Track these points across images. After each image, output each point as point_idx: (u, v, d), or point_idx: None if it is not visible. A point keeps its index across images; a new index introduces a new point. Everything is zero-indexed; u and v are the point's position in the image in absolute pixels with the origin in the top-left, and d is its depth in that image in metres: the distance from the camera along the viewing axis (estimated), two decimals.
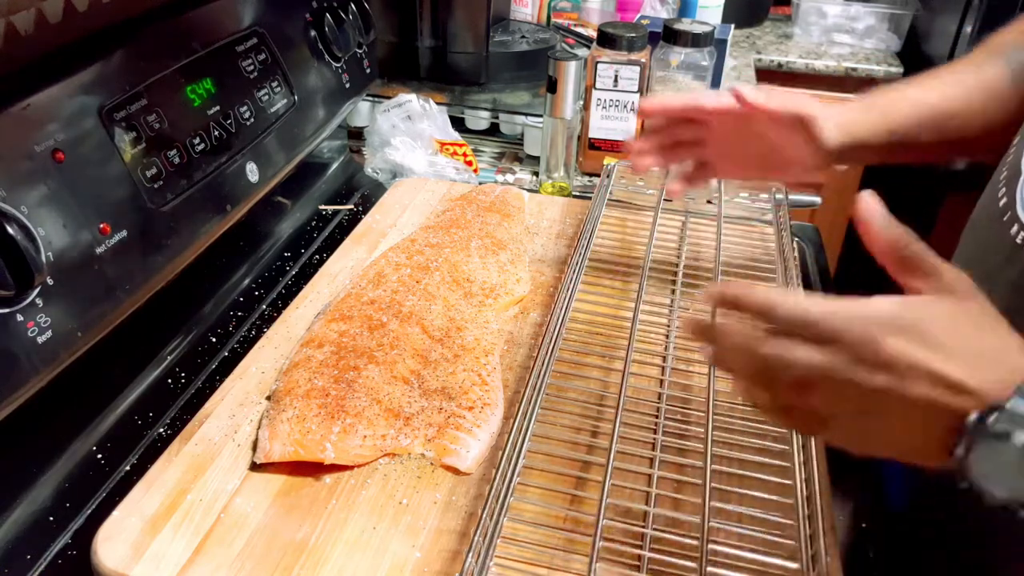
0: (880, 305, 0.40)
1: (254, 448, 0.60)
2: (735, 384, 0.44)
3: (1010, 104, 0.65)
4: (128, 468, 0.63)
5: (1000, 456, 0.37)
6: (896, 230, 0.41)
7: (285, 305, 0.77)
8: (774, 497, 0.56)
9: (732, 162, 0.73)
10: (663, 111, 0.72)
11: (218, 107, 0.74)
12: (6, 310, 0.52)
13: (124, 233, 0.62)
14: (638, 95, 1.03)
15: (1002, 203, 0.57)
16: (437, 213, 0.91)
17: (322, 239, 0.94)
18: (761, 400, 0.43)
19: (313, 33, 0.90)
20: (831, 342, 0.39)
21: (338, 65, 0.94)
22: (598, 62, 1.02)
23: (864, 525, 0.60)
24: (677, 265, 0.81)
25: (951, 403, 0.38)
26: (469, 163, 1.07)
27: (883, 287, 0.42)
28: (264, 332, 0.73)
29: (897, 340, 0.38)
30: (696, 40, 1.01)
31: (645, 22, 1.20)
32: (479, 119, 1.22)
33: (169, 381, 0.72)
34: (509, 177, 1.11)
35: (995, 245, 0.57)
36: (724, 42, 1.28)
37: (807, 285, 0.85)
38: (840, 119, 0.66)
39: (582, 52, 1.18)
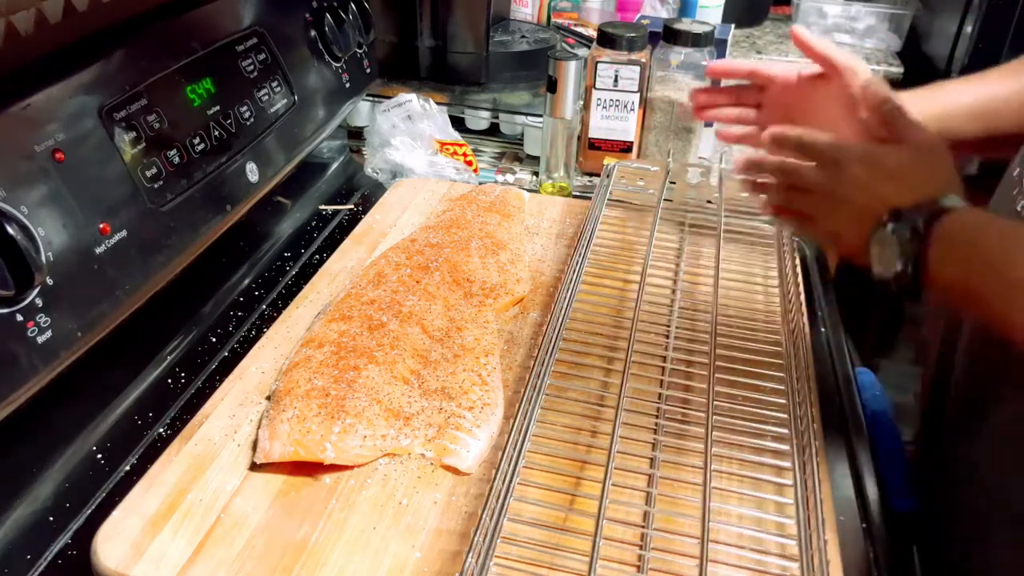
0: (856, 144, 0.59)
1: (254, 448, 0.60)
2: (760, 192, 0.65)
3: None
4: (128, 468, 0.63)
5: (882, 243, 0.53)
6: (880, 88, 0.61)
7: (285, 305, 0.77)
8: (774, 497, 0.56)
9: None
10: (728, 72, 0.81)
11: (218, 107, 0.74)
12: (6, 310, 0.52)
13: (124, 233, 0.62)
14: (638, 95, 1.03)
15: (1020, 204, 0.57)
16: (437, 213, 0.91)
17: (322, 239, 0.94)
18: (771, 199, 0.63)
19: (313, 33, 0.90)
20: (822, 163, 0.58)
21: (338, 65, 0.94)
22: (598, 62, 1.02)
23: (864, 525, 0.60)
24: (678, 264, 0.81)
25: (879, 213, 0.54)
26: (469, 163, 1.07)
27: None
28: (264, 332, 0.73)
29: (859, 168, 0.56)
30: (696, 40, 1.01)
31: (645, 22, 1.20)
32: (479, 119, 1.22)
33: (169, 381, 0.72)
34: (509, 177, 1.11)
35: None
36: (724, 42, 1.27)
37: (807, 283, 0.85)
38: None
39: (582, 52, 1.18)
